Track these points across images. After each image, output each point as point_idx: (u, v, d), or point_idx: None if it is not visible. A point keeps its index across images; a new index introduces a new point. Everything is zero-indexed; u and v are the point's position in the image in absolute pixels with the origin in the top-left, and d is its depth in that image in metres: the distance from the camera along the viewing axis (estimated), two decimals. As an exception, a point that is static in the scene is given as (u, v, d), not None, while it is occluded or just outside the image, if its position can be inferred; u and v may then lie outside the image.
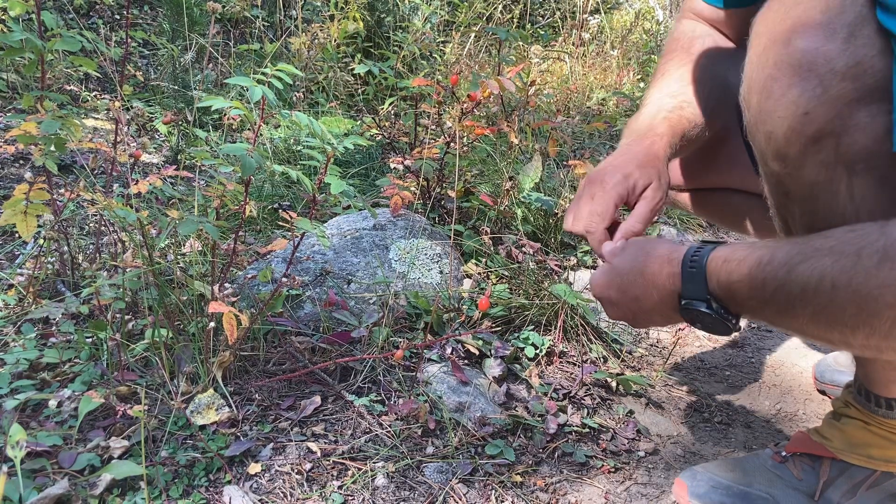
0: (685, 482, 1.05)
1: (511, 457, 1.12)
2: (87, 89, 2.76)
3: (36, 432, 0.99)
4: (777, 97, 0.71)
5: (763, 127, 0.74)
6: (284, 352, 1.27)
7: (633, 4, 4.71)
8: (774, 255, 0.69)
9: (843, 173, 0.70)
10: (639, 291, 0.83)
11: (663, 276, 0.79)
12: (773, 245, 0.70)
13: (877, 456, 0.97)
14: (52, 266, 1.43)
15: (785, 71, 0.70)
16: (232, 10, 3.03)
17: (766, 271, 0.69)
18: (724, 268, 0.74)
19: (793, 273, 0.66)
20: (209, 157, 1.12)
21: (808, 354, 1.60)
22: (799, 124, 0.70)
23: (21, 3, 1.25)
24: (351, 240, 1.56)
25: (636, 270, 0.83)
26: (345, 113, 2.66)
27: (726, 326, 0.77)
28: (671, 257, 0.79)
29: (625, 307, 0.86)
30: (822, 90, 0.68)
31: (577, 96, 3.09)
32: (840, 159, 0.69)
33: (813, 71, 0.68)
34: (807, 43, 0.68)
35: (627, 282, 0.84)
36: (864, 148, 0.68)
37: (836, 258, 0.63)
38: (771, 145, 0.74)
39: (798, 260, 0.66)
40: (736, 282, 0.72)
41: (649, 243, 0.85)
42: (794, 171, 0.74)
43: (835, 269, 0.63)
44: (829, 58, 0.67)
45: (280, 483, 1.01)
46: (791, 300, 0.67)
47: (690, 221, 2.40)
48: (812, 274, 0.64)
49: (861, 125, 0.67)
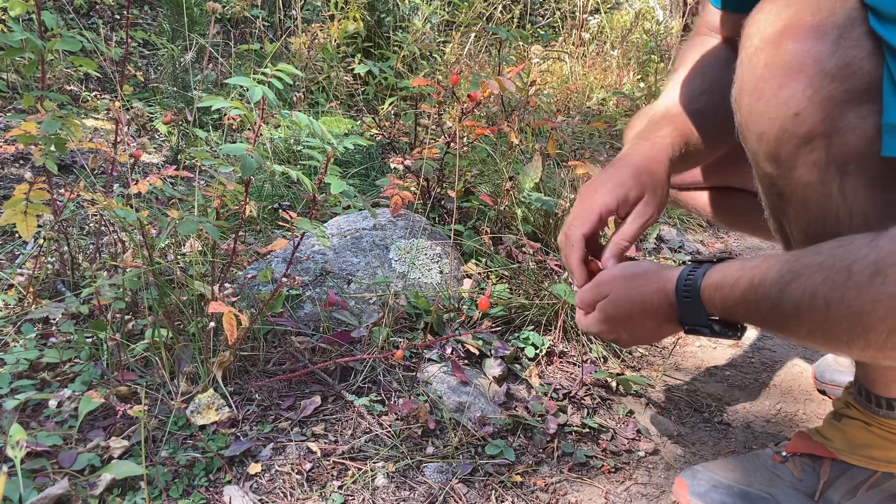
0: (685, 481, 1.05)
1: (511, 457, 1.12)
2: (87, 89, 2.76)
3: (36, 432, 0.99)
4: (768, 98, 0.71)
5: (754, 128, 0.75)
6: (284, 352, 1.27)
7: (633, 4, 4.71)
8: (766, 276, 0.69)
9: (834, 174, 0.70)
10: (645, 324, 0.84)
11: (663, 307, 0.81)
12: (765, 265, 0.70)
13: (878, 457, 0.97)
14: (52, 266, 1.43)
15: (775, 72, 0.70)
16: (232, 10, 3.03)
17: (758, 293, 0.69)
18: (717, 294, 0.75)
19: (785, 292, 0.66)
20: (209, 157, 1.12)
21: (808, 354, 1.60)
22: (790, 125, 0.70)
23: (21, 3, 1.25)
24: (351, 240, 1.56)
25: (637, 309, 0.84)
26: (345, 113, 2.66)
27: (733, 336, 0.79)
28: (665, 289, 0.80)
29: (638, 338, 0.88)
30: (812, 91, 0.68)
31: (577, 96, 3.09)
32: (832, 160, 0.70)
33: (803, 72, 0.68)
34: (797, 45, 0.69)
35: (631, 321, 0.85)
36: (855, 148, 0.68)
37: (827, 274, 0.63)
38: (763, 146, 0.75)
39: (789, 279, 0.66)
40: (732, 306, 0.74)
41: (635, 280, 0.85)
42: (786, 172, 0.74)
43: (826, 286, 0.63)
44: (819, 59, 0.67)
45: (280, 483, 1.01)
46: (786, 318, 0.67)
47: (690, 221, 2.40)
48: (805, 292, 0.64)
49: (851, 126, 0.67)
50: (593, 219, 0.90)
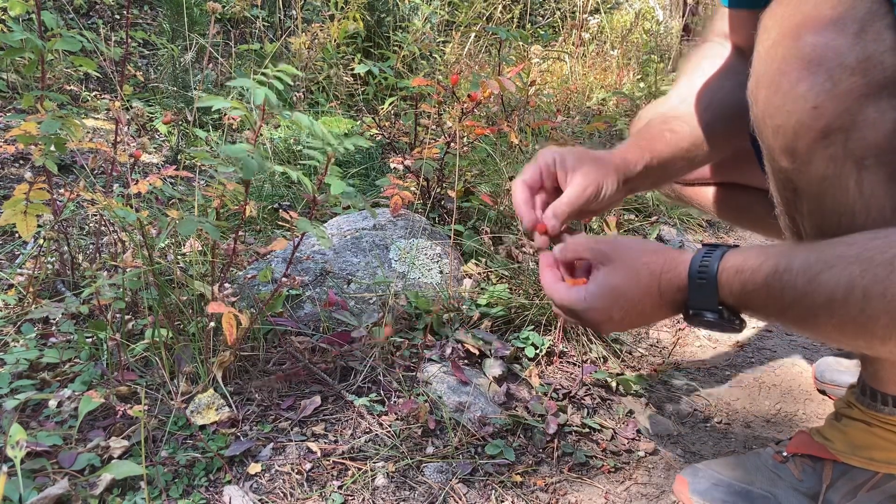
0: (686, 479, 1.05)
1: (511, 457, 1.12)
2: (87, 89, 2.76)
3: (36, 432, 0.99)
4: (786, 91, 0.70)
5: (771, 121, 0.73)
6: (284, 352, 1.27)
7: (633, 4, 4.71)
8: (791, 263, 0.67)
9: (852, 168, 0.69)
10: (644, 306, 0.80)
11: (672, 288, 0.77)
12: (789, 252, 0.69)
13: (878, 458, 0.97)
14: (52, 266, 1.43)
15: (794, 65, 0.69)
16: (232, 10, 3.03)
17: (783, 280, 0.67)
18: (737, 278, 0.72)
19: (815, 282, 0.65)
20: (209, 158, 1.12)
21: (808, 354, 1.60)
22: (808, 118, 0.69)
23: (21, 3, 1.25)
24: (351, 240, 1.56)
25: (641, 287, 0.79)
26: (345, 113, 2.66)
27: (733, 328, 0.77)
28: (677, 270, 0.76)
29: (627, 323, 0.83)
30: (831, 84, 0.67)
31: (577, 96, 3.09)
32: (849, 154, 0.69)
33: (822, 65, 0.67)
34: (817, 38, 0.68)
35: (631, 299, 0.79)
36: (874, 143, 0.67)
37: (866, 267, 0.61)
38: (779, 140, 0.73)
39: (820, 268, 0.65)
40: (751, 292, 0.71)
41: (644, 255, 0.80)
42: (802, 166, 0.73)
43: (866, 279, 0.61)
44: (839, 52, 0.67)
45: (280, 483, 1.01)
46: (814, 309, 0.65)
47: (690, 221, 2.40)
48: (839, 283, 0.63)
49: (870, 120, 0.67)
50: (534, 170, 0.91)
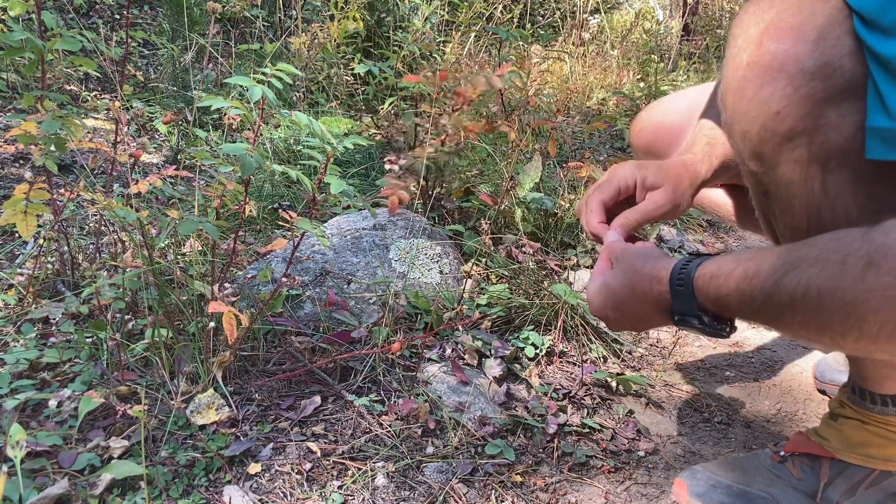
0: (685, 481, 1.05)
1: (511, 457, 1.12)
2: (87, 89, 2.76)
3: (36, 432, 0.99)
4: (750, 97, 0.73)
5: (738, 126, 0.76)
6: (284, 352, 1.27)
7: (633, 4, 4.71)
8: (760, 268, 0.69)
9: (817, 171, 0.72)
10: (634, 308, 0.84)
11: (654, 294, 0.81)
12: (760, 257, 0.71)
13: (875, 455, 0.97)
14: (52, 266, 1.43)
15: (757, 72, 0.72)
16: (232, 10, 3.03)
17: (752, 284, 0.70)
18: (711, 284, 0.75)
19: (779, 284, 0.67)
20: (209, 157, 1.12)
21: (808, 354, 1.60)
22: (772, 123, 0.72)
23: (21, 3, 1.25)
24: (351, 240, 1.56)
25: (627, 289, 0.84)
26: (345, 113, 2.66)
27: (719, 334, 0.79)
28: (659, 276, 0.80)
29: (625, 322, 0.87)
30: (792, 90, 0.69)
31: (577, 96, 3.09)
32: (814, 157, 0.71)
33: (783, 71, 0.70)
34: (777, 45, 0.70)
35: (621, 300, 0.85)
36: (837, 145, 0.69)
37: (822, 267, 0.63)
38: (747, 145, 0.76)
39: (784, 271, 0.67)
40: (725, 296, 0.74)
41: (638, 259, 0.85)
42: (769, 169, 0.76)
43: (821, 278, 0.63)
44: (799, 59, 0.69)
45: (280, 483, 1.01)
46: (780, 310, 0.68)
47: (690, 221, 2.40)
48: (799, 284, 0.65)
49: (833, 123, 0.69)
50: (612, 188, 0.94)
